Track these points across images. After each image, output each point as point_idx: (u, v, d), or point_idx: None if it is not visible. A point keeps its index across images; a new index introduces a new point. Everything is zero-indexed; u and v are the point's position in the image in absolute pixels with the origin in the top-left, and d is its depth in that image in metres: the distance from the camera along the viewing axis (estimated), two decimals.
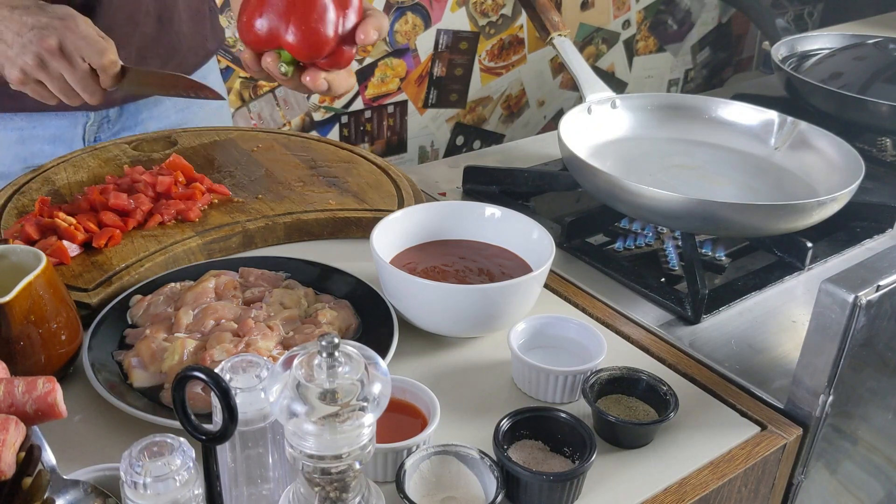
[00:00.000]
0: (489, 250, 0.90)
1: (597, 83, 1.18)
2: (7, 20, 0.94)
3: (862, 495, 0.99)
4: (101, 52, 0.96)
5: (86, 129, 1.18)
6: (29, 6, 0.95)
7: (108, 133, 1.21)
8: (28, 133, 1.15)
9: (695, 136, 1.20)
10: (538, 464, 0.69)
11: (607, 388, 0.76)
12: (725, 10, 3.02)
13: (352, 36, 0.85)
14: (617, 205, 0.98)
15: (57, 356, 0.73)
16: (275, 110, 2.22)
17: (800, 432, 0.77)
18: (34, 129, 1.15)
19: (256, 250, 0.98)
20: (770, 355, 0.87)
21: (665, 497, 0.69)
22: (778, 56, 1.45)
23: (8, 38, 0.93)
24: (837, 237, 1.07)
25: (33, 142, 1.15)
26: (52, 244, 0.88)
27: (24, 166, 1.14)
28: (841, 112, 1.29)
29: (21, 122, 1.14)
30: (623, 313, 0.92)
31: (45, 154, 1.15)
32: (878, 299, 0.72)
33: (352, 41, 0.85)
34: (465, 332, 0.83)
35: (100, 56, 0.95)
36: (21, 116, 1.14)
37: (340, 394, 0.50)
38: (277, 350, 0.77)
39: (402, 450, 0.66)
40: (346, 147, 1.18)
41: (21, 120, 1.14)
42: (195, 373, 0.52)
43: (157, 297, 0.84)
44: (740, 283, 0.97)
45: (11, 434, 0.52)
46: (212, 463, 0.56)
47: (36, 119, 1.14)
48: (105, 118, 1.19)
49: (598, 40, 2.73)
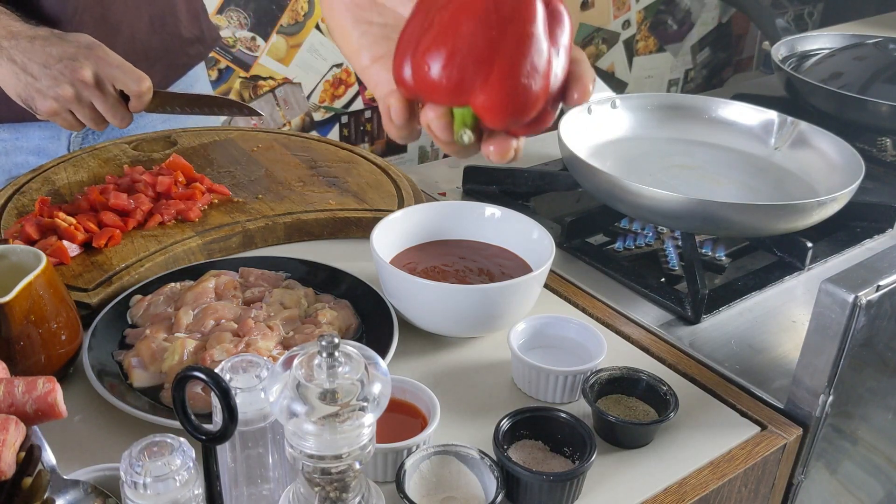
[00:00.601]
0: (489, 250, 0.90)
1: (597, 83, 1.17)
2: (29, 52, 0.93)
3: (862, 495, 0.99)
4: (139, 80, 0.97)
5: (70, 140, 1.18)
6: (47, 36, 0.95)
7: (92, 143, 1.20)
8: (11, 144, 1.14)
9: (695, 136, 1.20)
10: (538, 464, 0.69)
11: (607, 388, 0.76)
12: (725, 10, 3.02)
13: (562, 93, 0.56)
14: (617, 205, 0.98)
15: (57, 356, 0.73)
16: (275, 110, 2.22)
17: (800, 432, 0.77)
18: (17, 140, 1.14)
19: (256, 250, 0.98)
20: (770, 355, 0.87)
21: (665, 497, 0.69)
22: (778, 56, 1.45)
23: (35, 70, 0.93)
24: (837, 237, 1.07)
25: (17, 153, 1.15)
26: (52, 244, 0.88)
27: (7, 178, 1.14)
28: (841, 112, 1.29)
29: (4, 133, 1.13)
30: (623, 313, 0.92)
31: (30, 165, 1.14)
32: (878, 299, 0.72)
33: (560, 99, 0.56)
34: (465, 332, 0.83)
35: (138, 84, 0.96)
36: (4, 128, 1.13)
37: (340, 394, 0.50)
38: (277, 350, 0.77)
39: (402, 450, 0.66)
40: (346, 147, 1.18)
41: (4, 132, 1.13)
42: (195, 373, 0.52)
43: (157, 297, 0.84)
44: (740, 283, 0.97)
45: (11, 434, 0.52)
46: (212, 463, 0.56)
47: (20, 130, 1.14)
48: (89, 129, 1.18)
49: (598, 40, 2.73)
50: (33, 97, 0.95)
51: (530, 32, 0.52)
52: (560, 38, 0.54)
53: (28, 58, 0.93)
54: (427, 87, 0.53)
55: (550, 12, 0.53)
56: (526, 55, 0.52)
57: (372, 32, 0.60)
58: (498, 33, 0.51)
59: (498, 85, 0.52)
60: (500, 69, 0.52)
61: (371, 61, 0.60)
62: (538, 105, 0.54)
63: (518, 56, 0.52)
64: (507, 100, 0.53)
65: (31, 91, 0.95)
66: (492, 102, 0.53)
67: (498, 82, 0.52)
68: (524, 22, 0.51)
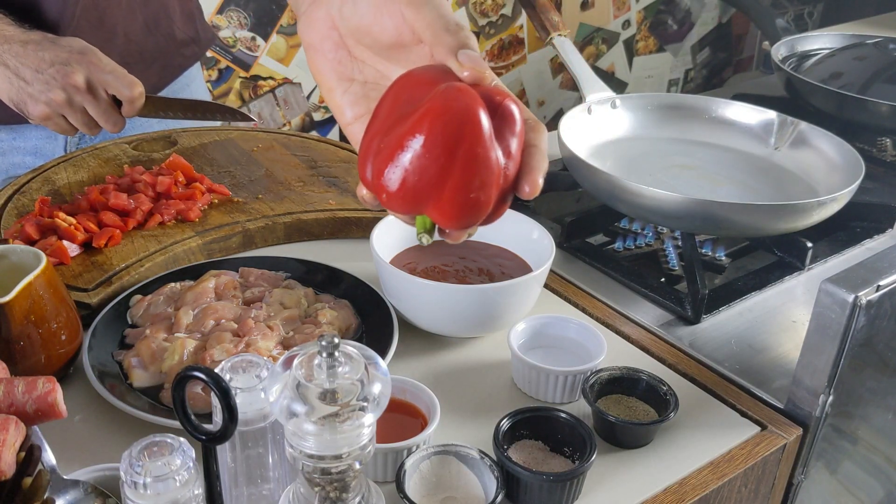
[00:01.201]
0: (489, 250, 0.90)
1: (597, 83, 1.18)
2: (22, 56, 0.94)
3: (862, 495, 0.99)
4: (130, 86, 0.97)
5: (67, 141, 1.18)
6: (39, 40, 0.95)
7: (90, 143, 1.20)
8: (9, 145, 1.14)
9: (695, 136, 1.20)
10: (538, 464, 0.69)
11: (607, 388, 0.76)
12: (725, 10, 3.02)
13: (513, 187, 0.57)
14: (617, 205, 0.98)
15: (57, 356, 0.73)
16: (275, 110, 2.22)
17: (800, 432, 0.77)
18: (14, 140, 1.14)
19: (256, 250, 0.98)
20: (770, 355, 0.87)
21: (665, 497, 0.69)
22: (778, 56, 1.45)
23: (27, 75, 0.93)
24: (837, 237, 1.07)
25: (14, 154, 1.15)
26: (52, 244, 0.88)
27: (4, 178, 1.14)
28: (841, 112, 1.29)
29: (1, 134, 1.13)
30: (623, 313, 0.92)
31: (27, 166, 1.14)
32: (878, 299, 0.72)
33: (511, 192, 0.58)
34: (465, 332, 0.83)
35: (129, 89, 0.97)
36: (1, 129, 1.13)
37: (340, 394, 0.50)
38: (277, 350, 0.77)
39: (402, 450, 0.66)
40: (346, 147, 1.18)
41: (1, 132, 1.13)
42: (195, 373, 0.52)
43: (157, 297, 0.84)
44: (740, 283, 0.97)
45: (11, 434, 0.52)
46: (212, 463, 0.56)
47: (17, 131, 1.14)
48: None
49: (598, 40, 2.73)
50: (25, 102, 0.95)
51: (476, 154, 0.54)
52: (510, 142, 0.56)
53: (20, 62, 0.94)
54: (386, 199, 0.56)
55: (501, 115, 0.55)
56: (474, 174, 0.54)
57: (353, 91, 0.62)
58: (446, 158, 0.54)
59: (449, 202, 0.55)
60: (450, 189, 0.55)
61: (353, 119, 0.62)
62: (488, 209, 0.57)
63: (467, 177, 0.54)
64: (459, 213, 0.56)
65: (23, 95, 0.95)
66: (445, 216, 0.56)
67: (449, 200, 0.55)
68: (472, 144, 0.54)
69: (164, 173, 1.02)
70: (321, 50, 0.61)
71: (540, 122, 0.58)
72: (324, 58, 0.62)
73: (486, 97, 0.55)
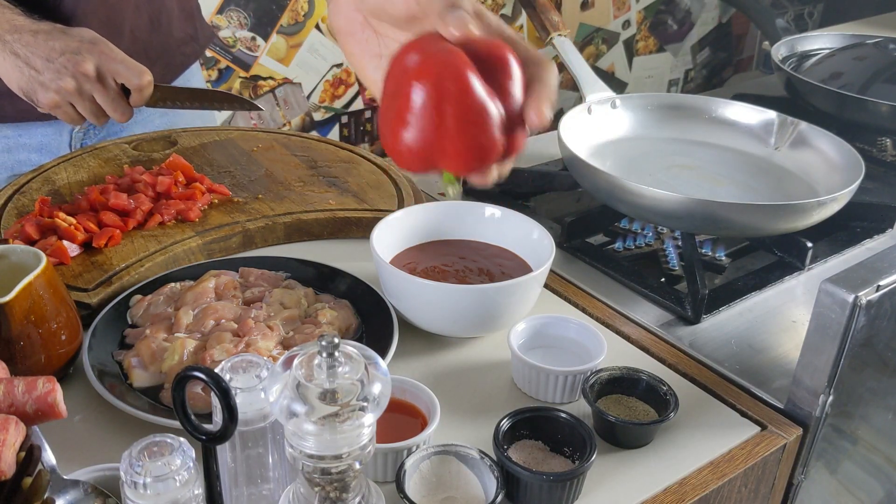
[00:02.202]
0: (489, 250, 0.90)
1: (597, 83, 1.18)
2: (32, 45, 0.94)
3: (862, 495, 0.99)
4: (140, 74, 0.98)
5: (72, 136, 1.18)
6: (50, 30, 0.96)
7: (95, 140, 1.20)
8: (14, 142, 1.14)
9: (695, 136, 1.20)
10: (538, 464, 0.69)
11: (607, 388, 0.76)
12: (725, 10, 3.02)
13: (522, 121, 0.62)
14: (617, 205, 0.98)
15: (57, 356, 0.73)
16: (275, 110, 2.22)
17: (800, 432, 0.77)
18: (20, 137, 1.15)
19: (256, 250, 0.98)
20: (770, 355, 0.87)
21: (665, 497, 0.69)
22: (778, 56, 1.45)
23: (37, 63, 0.94)
24: (837, 237, 1.07)
25: (19, 150, 1.15)
26: (52, 244, 0.88)
27: (9, 175, 1.14)
28: (841, 112, 1.29)
29: (7, 130, 1.14)
30: (623, 313, 0.92)
31: (32, 162, 1.14)
32: (878, 299, 0.72)
33: (521, 126, 0.62)
34: (465, 332, 0.83)
35: (138, 78, 0.98)
36: (6, 125, 1.13)
37: (340, 394, 0.50)
38: (277, 350, 0.77)
39: (402, 450, 0.66)
40: (346, 147, 1.18)
41: (7, 129, 1.13)
42: (195, 373, 0.52)
43: (157, 297, 0.84)
44: (740, 283, 0.97)
45: (11, 434, 0.52)
46: (212, 463, 0.56)
47: (22, 128, 1.14)
48: (91, 125, 1.18)
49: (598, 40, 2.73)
50: (35, 90, 0.96)
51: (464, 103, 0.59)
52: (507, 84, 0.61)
53: (31, 51, 0.94)
54: (404, 163, 0.63)
55: (493, 62, 0.60)
56: (467, 121, 0.59)
57: (383, 66, 0.66)
58: (437, 115, 0.59)
59: (454, 152, 0.61)
60: (450, 140, 0.60)
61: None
62: (497, 149, 0.61)
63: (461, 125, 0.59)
64: (467, 159, 0.61)
65: (33, 84, 0.95)
66: (456, 165, 0.62)
67: (453, 151, 0.60)
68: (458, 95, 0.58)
69: (164, 173, 1.02)
70: (350, 32, 0.69)
71: (546, 58, 0.63)
72: (354, 39, 0.69)
73: (478, 48, 0.60)
